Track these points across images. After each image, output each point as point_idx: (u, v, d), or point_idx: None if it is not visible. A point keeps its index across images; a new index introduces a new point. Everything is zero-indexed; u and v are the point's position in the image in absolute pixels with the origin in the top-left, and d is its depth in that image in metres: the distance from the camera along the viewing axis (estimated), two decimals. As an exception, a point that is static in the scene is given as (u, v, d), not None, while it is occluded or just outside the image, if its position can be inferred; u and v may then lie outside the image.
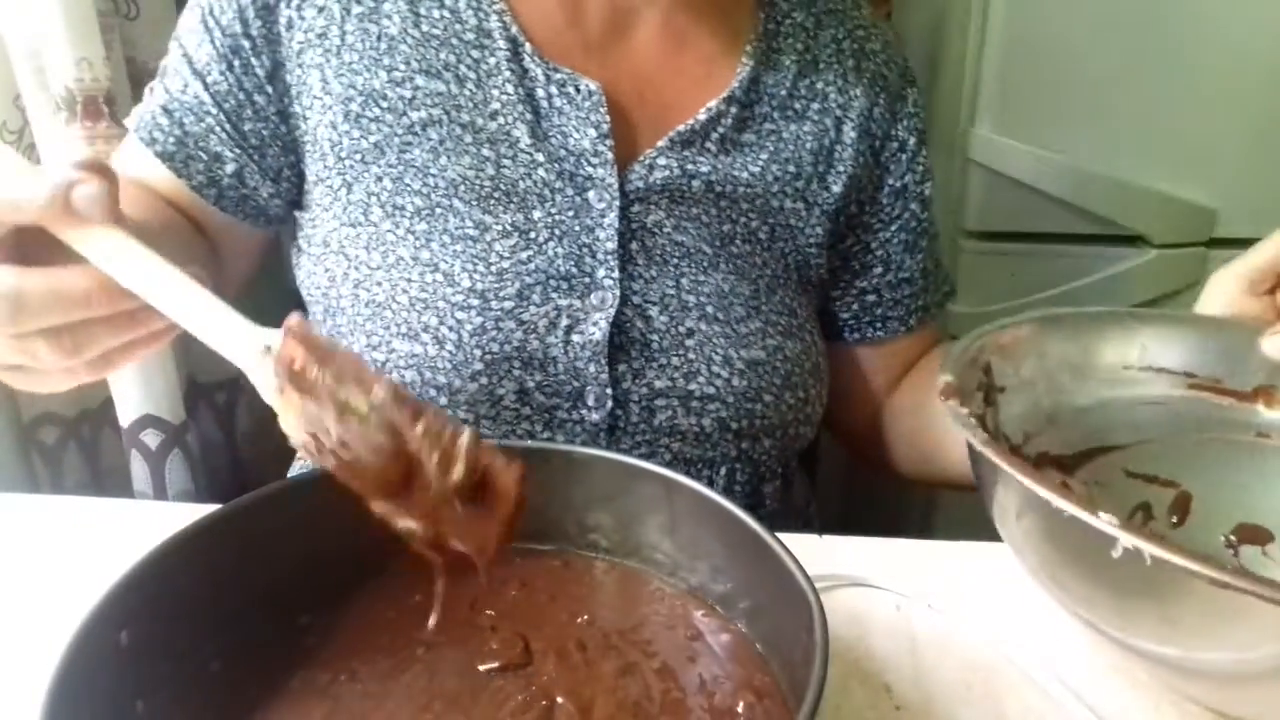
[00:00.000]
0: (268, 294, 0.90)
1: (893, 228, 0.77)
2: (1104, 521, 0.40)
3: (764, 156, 0.70)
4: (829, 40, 0.74)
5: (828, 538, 0.61)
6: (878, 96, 0.74)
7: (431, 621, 0.44)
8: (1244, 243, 1.16)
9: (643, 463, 0.50)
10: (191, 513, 0.46)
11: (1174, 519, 0.60)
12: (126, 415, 0.89)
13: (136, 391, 0.88)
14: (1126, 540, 0.40)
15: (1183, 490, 0.60)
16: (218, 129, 0.68)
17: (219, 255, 0.73)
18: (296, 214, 0.73)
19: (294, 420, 0.37)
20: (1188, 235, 1.16)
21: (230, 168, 0.69)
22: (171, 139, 0.68)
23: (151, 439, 0.90)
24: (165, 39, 0.87)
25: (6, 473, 0.90)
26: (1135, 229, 1.16)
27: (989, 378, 0.59)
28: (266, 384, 0.37)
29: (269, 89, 0.67)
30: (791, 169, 0.71)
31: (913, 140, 0.77)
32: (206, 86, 0.67)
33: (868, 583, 0.57)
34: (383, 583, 0.50)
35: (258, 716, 0.43)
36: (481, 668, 0.45)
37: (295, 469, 0.76)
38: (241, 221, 0.71)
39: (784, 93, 0.71)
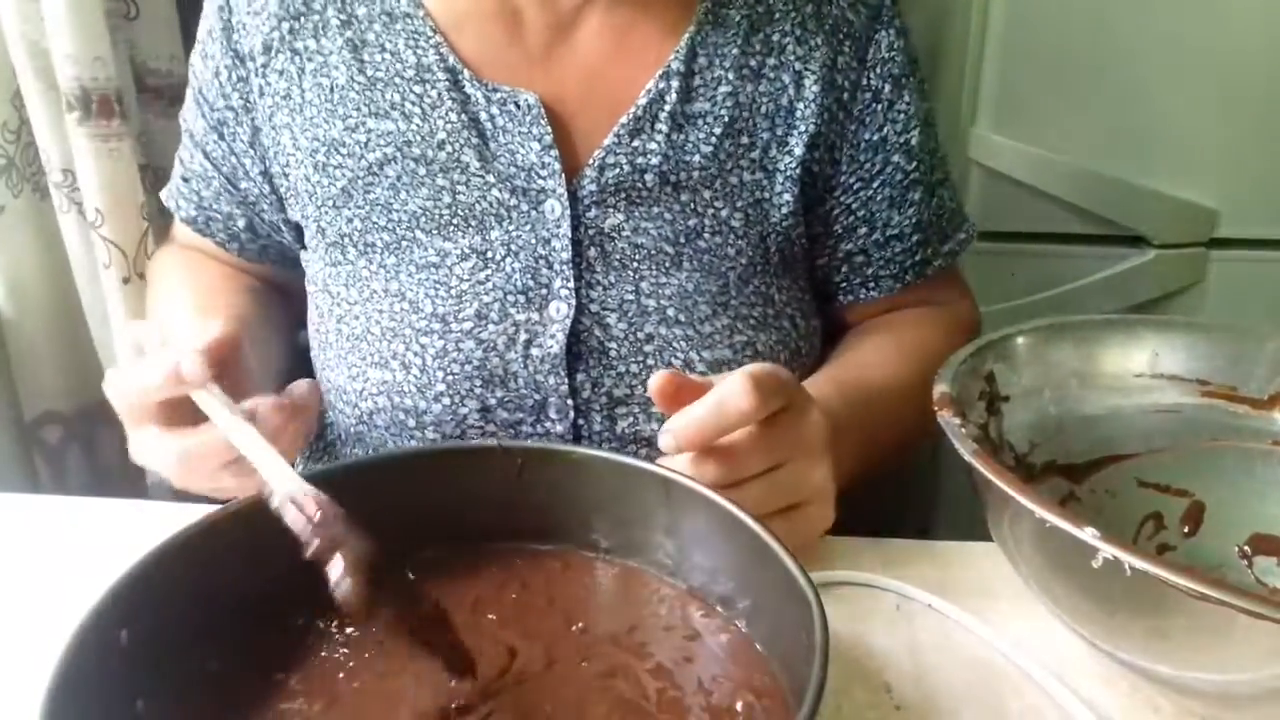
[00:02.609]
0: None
1: (875, 184, 0.72)
2: (1085, 532, 0.40)
3: (718, 130, 0.68)
4: None
5: (828, 538, 0.60)
6: (841, 44, 0.70)
7: None
8: (1244, 243, 1.17)
9: (643, 463, 0.50)
10: (191, 513, 0.47)
11: (1186, 529, 0.59)
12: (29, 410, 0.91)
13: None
14: (1106, 550, 0.39)
15: (1196, 500, 0.60)
16: (223, 192, 0.76)
17: (289, 294, 0.80)
18: (303, 259, 0.77)
19: None
20: (1188, 235, 1.16)
21: (241, 222, 0.77)
22: (192, 205, 0.77)
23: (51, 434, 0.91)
24: (165, 40, 0.87)
25: (9, 472, 0.91)
26: (1135, 229, 1.16)
27: (992, 386, 0.59)
28: (288, 519, 0.44)
29: (252, 152, 0.73)
30: (745, 139, 0.68)
31: (888, 87, 0.71)
32: (206, 155, 0.75)
33: (868, 583, 0.57)
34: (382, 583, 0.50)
35: (257, 716, 0.43)
36: (481, 669, 0.45)
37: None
38: (273, 266, 0.80)
39: (736, 50, 0.68)
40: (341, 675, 0.45)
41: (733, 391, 0.50)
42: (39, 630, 0.47)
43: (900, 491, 1.28)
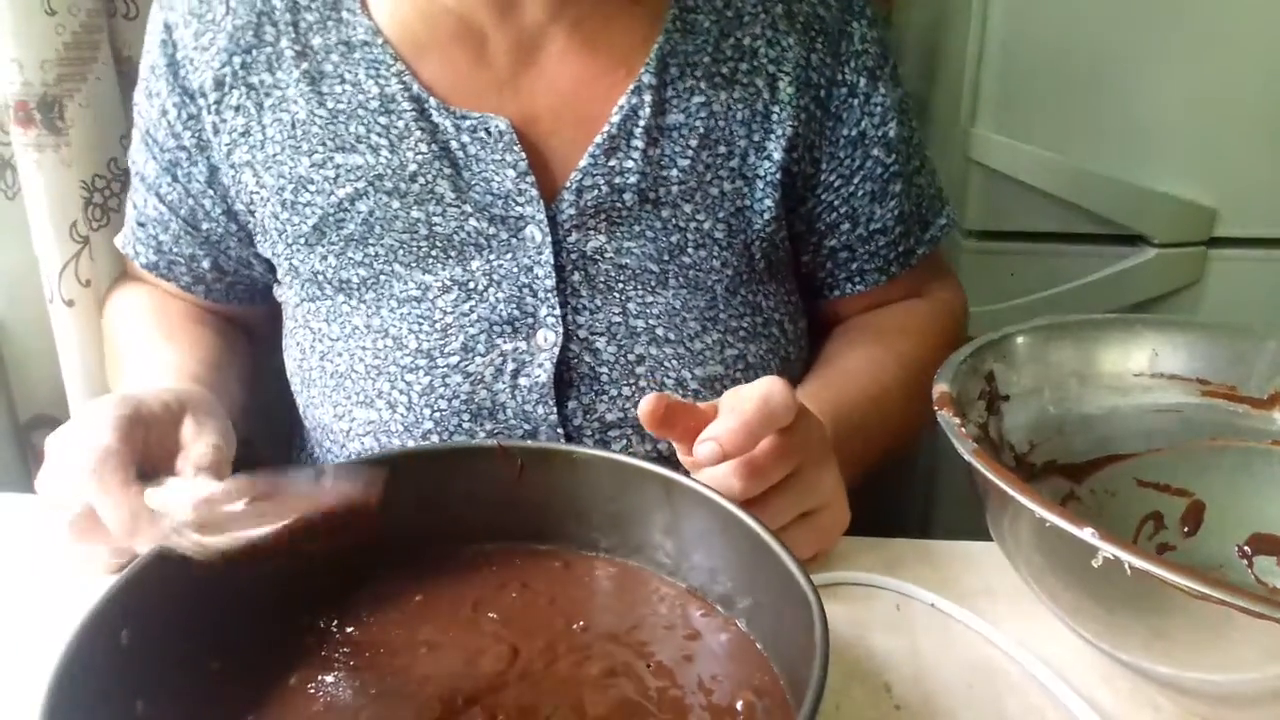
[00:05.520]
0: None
1: (855, 180, 0.71)
2: (1085, 532, 0.40)
3: (694, 142, 0.66)
4: None
5: (828, 538, 0.60)
6: (814, 42, 0.68)
7: None
8: (1244, 242, 1.17)
9: (643, 463, 0.50)
10: (191, 513, 0.46)
11: (1186, 529, 0.59)
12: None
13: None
14: (1106, 550, 0.39)
15: (1195, 499, 0.60)
16: (183, 234, 0.73)
17: (252, 331, 0.79)
18: (276, 292, 0.75)
19: None
20: (1188, 235, 1.16)
21: (206, 263, 0.74)
22: (150, 249, 0.74)
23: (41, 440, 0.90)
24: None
25: (3, 475, 0.90)
26: (1135, 229, 1.16)
27: (992, 386, 0.59)
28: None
29: (211, 192, 0.70)
30: (723, 149, 0.67)
31: (863, 81, 0.69)
32: (161, 199, 0.72)
33: (868, 583, 0.57)
34: (382, 582, 0.50)
35: (257, 716, 0.43)
36: (482, 668, 0.45)
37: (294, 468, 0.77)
38: (239, 304, 0.77)
39: (707, 59, 0.66)
40: (342, 675, 0.45)
41: (774, 391, 0.50)
42: (39, 630, 0.47)
43: (900, 491, 1.28)
